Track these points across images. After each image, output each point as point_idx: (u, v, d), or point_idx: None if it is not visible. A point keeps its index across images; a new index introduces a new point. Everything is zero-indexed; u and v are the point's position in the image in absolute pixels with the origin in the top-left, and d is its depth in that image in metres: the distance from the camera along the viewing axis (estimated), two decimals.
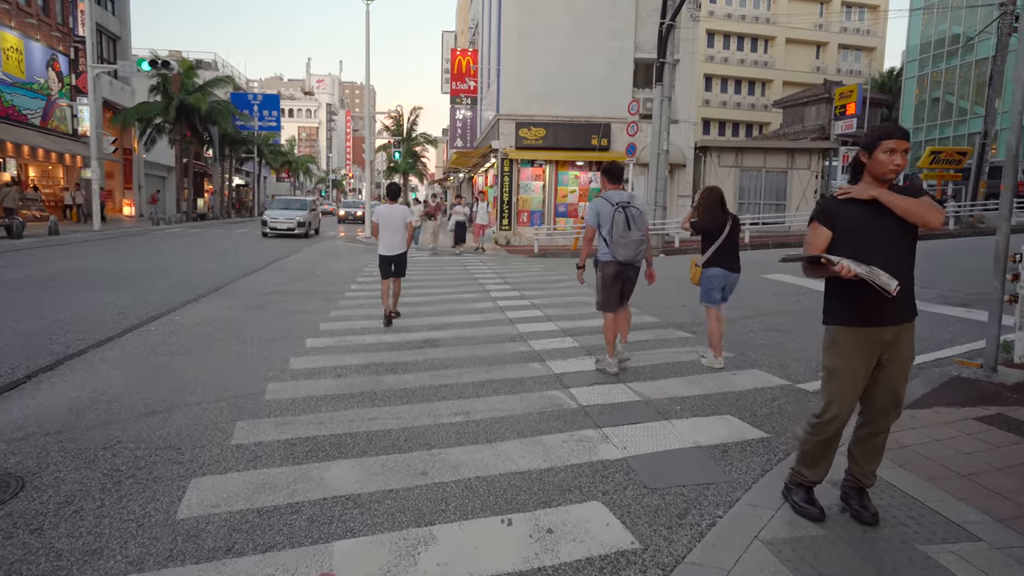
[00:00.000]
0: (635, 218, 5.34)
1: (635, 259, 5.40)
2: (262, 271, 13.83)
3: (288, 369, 5.74)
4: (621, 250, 5.32)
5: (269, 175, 66.47)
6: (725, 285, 5.79)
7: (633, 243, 5.31)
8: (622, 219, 5.29)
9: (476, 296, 10.44)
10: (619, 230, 5.29)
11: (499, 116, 21.59)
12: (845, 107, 21.35)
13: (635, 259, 5.40)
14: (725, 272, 5.75)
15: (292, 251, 18.54)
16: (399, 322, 8.06)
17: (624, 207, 5.34)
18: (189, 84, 33.21)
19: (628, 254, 5.34)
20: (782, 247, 18.75)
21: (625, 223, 5.29)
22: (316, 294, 10.55)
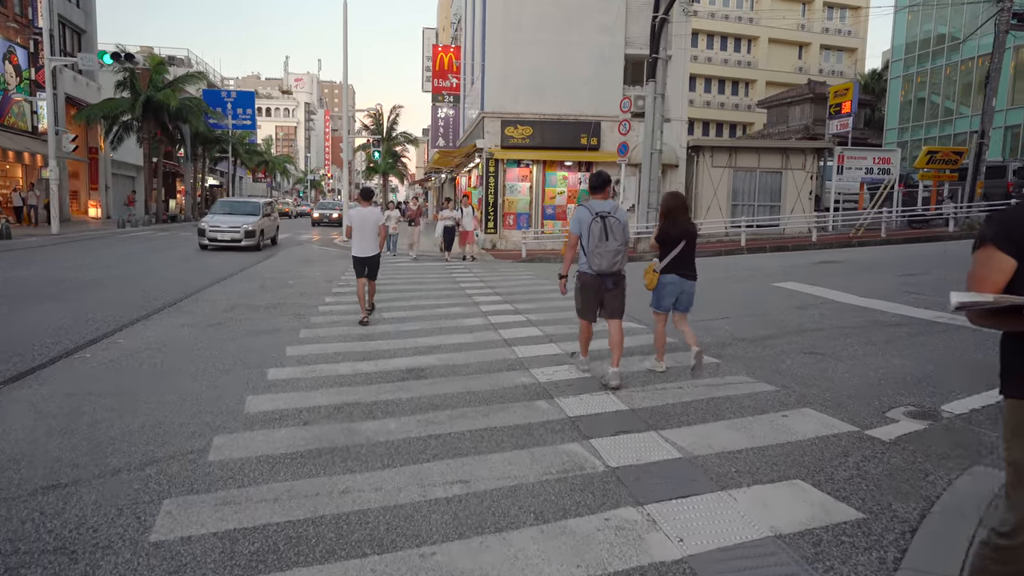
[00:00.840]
0: (613, 229, 5.28)
1: (610, 269, 5.36)
2: (230, 280, 12.69)
3: (242, 414, 4.70)
4: (596, 260, 5.32)
5: (245, 175, 64.74)
6: (680, 293, 5.82)
7: (609, 253, 5.28)
8: (599, 229, 5.26)
9: (464, 310, 9.44)
10: (595, 240, 5.27)
11: (484, 114, 20.59)
12: (840, 106, 20.69)
13: (610, 269, 5.36)
14: (680, 279, 5.77)
15: (263, 258, 17.36)
16: (379, 346, 7.04)
17: (604, 217, 5.27)
18: (158, 80, 31.72)
19: (603, 264, 5.31)
20: (779, 250, 18.02)
21: (602, 233, 5.26)
22: (286, 308, 9.47)
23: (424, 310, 9.39)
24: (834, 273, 12.01)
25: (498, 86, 20.50)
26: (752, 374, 5.64)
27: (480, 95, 21.77)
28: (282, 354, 6.60)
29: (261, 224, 19.01)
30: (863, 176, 21.05)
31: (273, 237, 20.99)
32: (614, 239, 5.28)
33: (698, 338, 6.01)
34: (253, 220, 18.66)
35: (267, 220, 19.97)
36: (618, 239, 5.29)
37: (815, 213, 20.86)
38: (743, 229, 18.25)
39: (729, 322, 7.97)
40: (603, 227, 5.26)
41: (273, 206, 22.96)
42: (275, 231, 21.40)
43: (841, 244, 18.07)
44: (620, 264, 5.40)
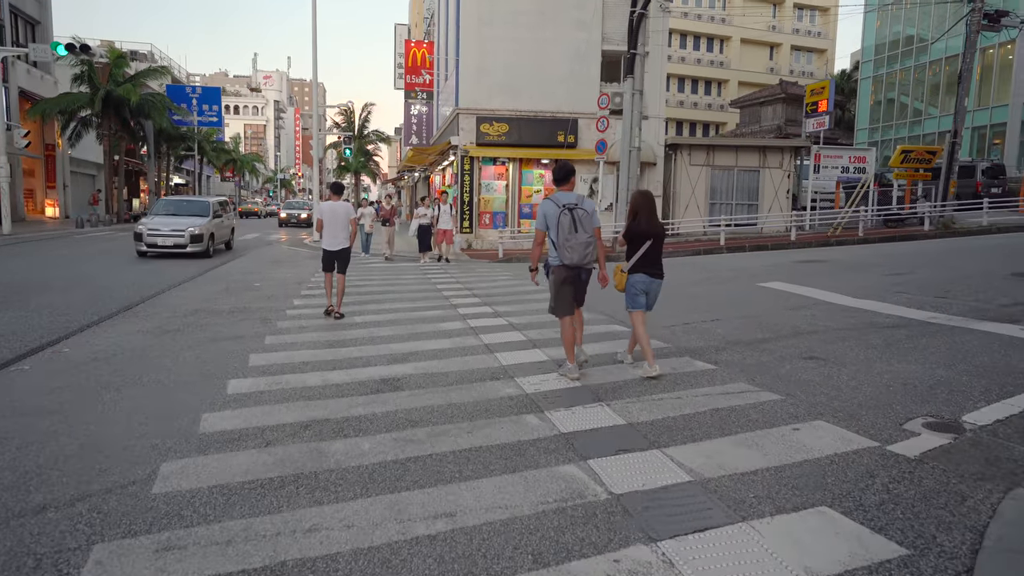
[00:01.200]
0: (582, 220, 5.18)
1: (583, 262, 5.27)
2: (192, 283, 12.03)
3: (196, 434, 4.18)
4: (567, 253, 5.20)
5: (213, 175, 63.23)
6: (648, 291, 5.74)
7: (580, 245, 5.18)
8: (568, 221, 5.15)
9: (442, 313, 8.96)
10: (564, 232, 5.16)
11: (458, 110, 20.10)
12: (817, 104, 20.66)
13: (583, 262, 5.27)
14: (648, 278, 5.69)
15: (229, 259, 16.64)
16: (351, 354, 6.54)
17: (571, 209, 5.18)
18: (118, 74, 30.55)
19: (575, 257, 5.21)
20: (759, 249, 17.87)
21: (571, 225, 5.15)
22: (251, 312, 8.89)
23: (399, 313, 8.90)
24: (819, 272, 11.81)
25: (473, 82, 20.03)
26: (752, 381, 5.29)
27: (454, 91, 21.27)
28: (244, 364, 6.06)
29: (211, 227, 16.29)
30: (839, 175, 21.05)
31: (228, 241, 18.33)
32: (583, 230, 5.17)
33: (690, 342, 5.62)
34: (201, 222, 15.95)
35: (219, 222, 17.28)
36: (588, 230, 5.19)
37: (793, 212, 20.80)
38: (722, 228, 18.05)
39: (720, 324, 7.64)
40: (572, 219, 5.15)
41: (228, 206, 19.51)
42: (230, 234, 18.65)
43: (820, 243, 17.99)
44: (592, 256, 5.30)
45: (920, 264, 11.95)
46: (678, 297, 9.83)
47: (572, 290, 5.44)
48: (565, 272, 5.34)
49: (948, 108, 33.32)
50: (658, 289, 5.80)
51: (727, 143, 21.59)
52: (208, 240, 16.06)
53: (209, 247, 16.14)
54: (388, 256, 17.12)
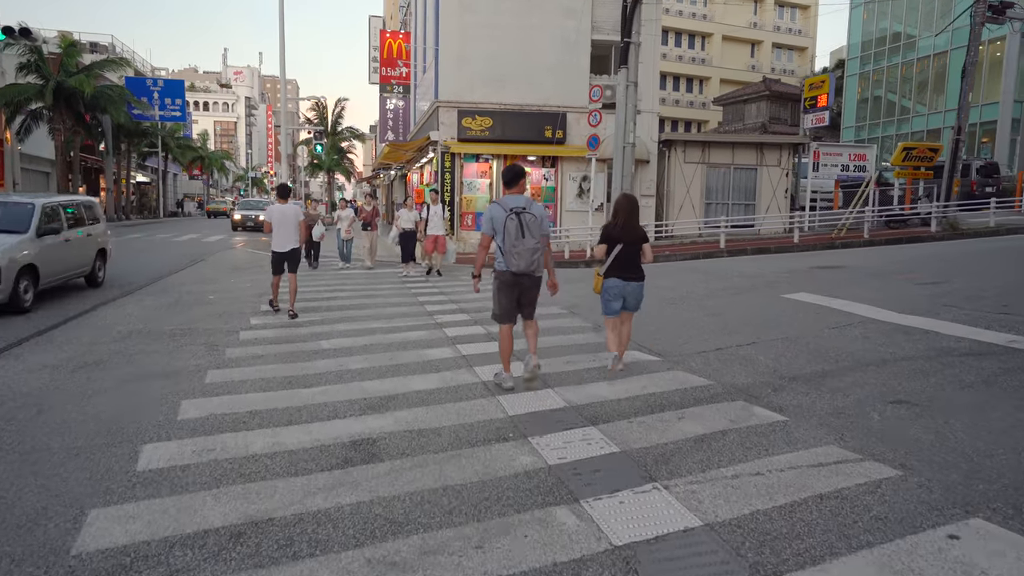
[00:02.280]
0: (529, 225, 5.01)
1: (529, 269, 5.09)
2: (138, 293, 10.49)
3: (69, 555, 2.77)
4: (513, 259, 5.03)
5: (180, 173, 60.75)
6: (625, 295, 5.70)
7: (526, 252, 5.02)
8: (514, 226, 4.98)
9: (427, 335, 7.59)
10: (511, 238, 4.99)
11: (438, 103, 18.68)
12: (816, 99, 19.64)
13: (529, 269, 5.09)
14: (623, 282, 5.66)
15: (187, 263, 15.04)
16: (314, 397, 5.16)
17: (519, 213, 5.00)
18: (71, 64, 28.50)
19: (521, 264, 5.04)
20: (761, 253, 16.76)
21: (518, 230, 4.98)
22: (197, 335, 7.43)
23: (375, 336, 7.50)
24: (842, 281, 10.66)
25: (453, 73, 18.63)
26: (843, 441, 4.02)
27: (434, 83, 19.84)
28: (172, 415, 4.65)
29: (33, 253, 8.95)
30: (839, 174, 20.07)
31: (88, 274, 10.90)
32: (531, 236, 5.00)
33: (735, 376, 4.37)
34: (11, 243, 8.63)
35: (59, 244, 9.77)
36: (535, 236, 5.01)
37: (795, 212, 19.76)
38: (723, 230, 16.91)
39: (760, 350, 6.39)
40: (518, 224, 4.97)
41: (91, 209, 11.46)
42: (91, 263, 10.91)
43: (824, 245, 16.95)
44: (538, 264, 5.13)
45: (949, 271, 10.86)
46: (696, 312, 8.59)
47: (515, 297, 5.26)
48: (509, 278, 5.16)
49: (936, 106, 32.78)
50: (637, 291, 5.70)
51: (723, 139, 20.52)
52: (19, 279, 8.52)
53: (24, 292, 8.62)
54: (370, 265, 14.93)
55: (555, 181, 19.34)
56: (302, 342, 7.18)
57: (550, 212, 8.23)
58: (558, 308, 9.10)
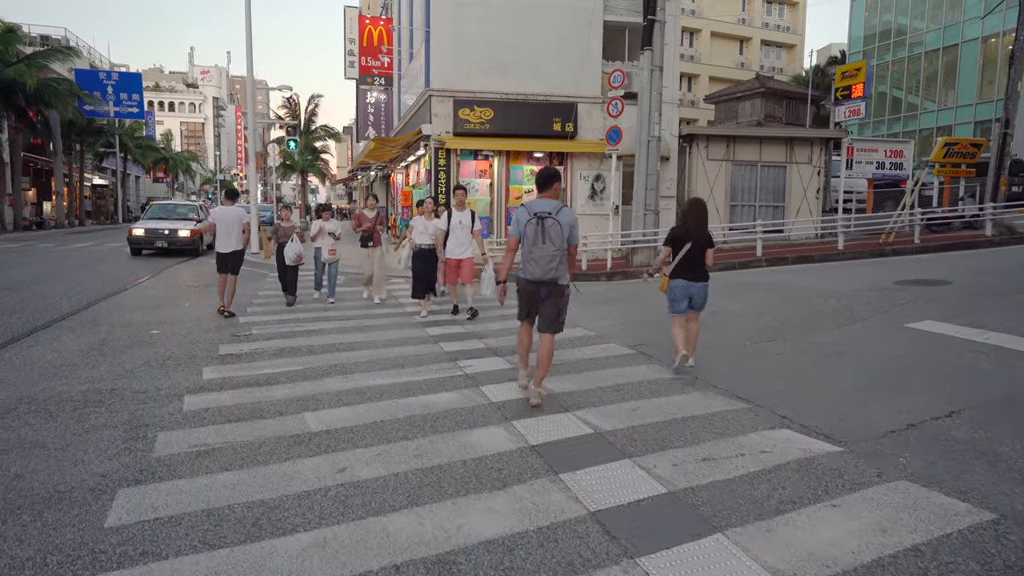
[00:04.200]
0: (550, 231, 4.73)
1: (544, 277, 4.80)
2: (56, 327, 7.93)
3: None
4: (529, 265, 4.84)
5: (143, 176, 57.29)
6: (691, 295, 5.91)
7: (543, 259, 4.76)
8: (533, 231, 4.76)
9: (460, 401, 5.23)
10: (528, 243, 4.80)
11: (430, 92, 16.30)
12: (850, 89, 17.69)
13: (544, 277, 4.80)
14: (687, 283, 5.88)
15: (132, 281, 12.43)
16: (301, 568, 2.77)
17: (542, 218, 4.74)
18: (10, 54, 25.47)
19: (535, 271, 4.81)
20: (804, 262, 14.70)
21: (536, 236, 4.75)
22: (118, 405, 4.99)
23: (383, 401, 5.11)
24: (956, 301, 8.57)
25: (447, 58, 16.27)
26: None
27: (424, 71, 17.45)
28: None
29: None
30: (873, 171, 18.16)
31: None
32: (550, 243, 4.74)
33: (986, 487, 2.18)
34: None
35: None
36: (555, 243, 4.74)
37: (828, 216, 17.77)
38: (759, 236, 14.82)
39: (976, 427, 4.20)
40: (538, 229, 4.74)
41: None
42: None
43: (873, 252, 14.96)
44: (556, 272, 4.81)
45: None
46: (813, 354, 6.37)
47: (531, 302, 4.99)
48: (523, 284, 4.98)
49: (946, 102, 31.32)
50: (702, 291, 5.93)
51: (750, 133, 18.48)
52: None
53: None
54: (378, 297, 10.32)
55: (564, 180, 17.08)
56: (276, 416, 4.79)
57: None
58: (620, 345, 6.84)
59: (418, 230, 9.23)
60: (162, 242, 16.88)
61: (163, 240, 16.97)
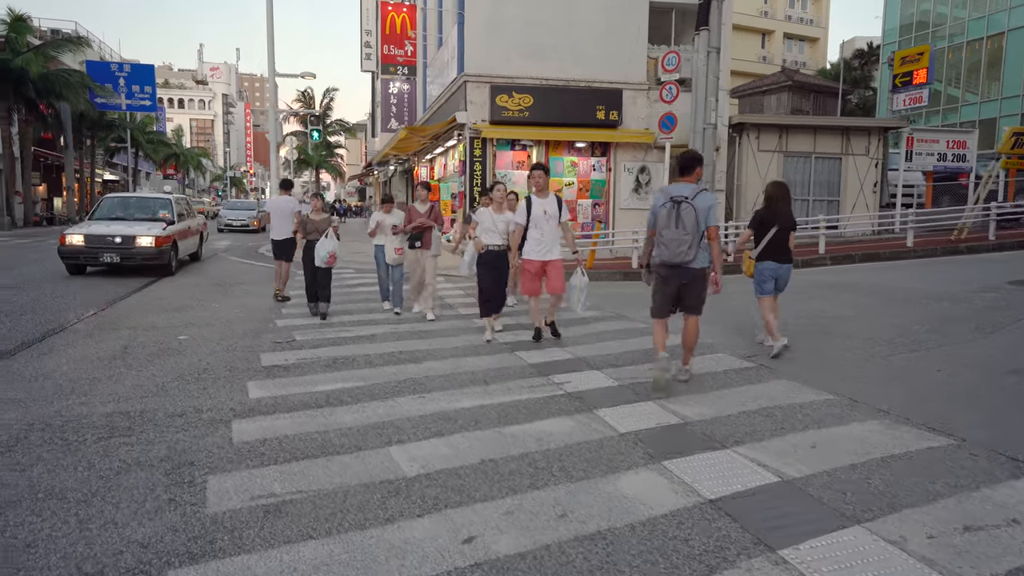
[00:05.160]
0: (683, 215, 4.67)
1: (676, 259, 4.75)
2: (70, 331, 6.93)
3: None
4: (661, 248, 4.84)
5: (154, 172, 56.54)
6: (777, 276, 6.01)
7: (673, 242, 4.72)
8: (666, 213, 4.74)
9: (605, 456, 4.20)
10: (660, 226, 4.79)
11: (465, 78, 15.26)
12: (911, 75, 16.54)
13: (676, 259, 4.75)
14: (776, 264, 5.98)
15: (151, 278, 11.44)
16: None
17: (678, 202, 4.71)
18: (20, 43, 24.60)
19: (665, 254, 4.79)
20: (871, 260, 13.61)
21: (669, 219, 4.72)
22: (151, 433, 3.98)
23: (484, 430, 4.08)
24: None
25: (483, 41, 15.21)
26: None
27: (456, 56, 16.41)
28: None
29: None
30: (935, 164, 17.00)
31: None
32: (681, 227, 4.68)
33: None
34: None
35: None
36: (686, 228, 4.67)
37: (889, 211, 16.64)
38: (822, 232, 13.73)
39: None
40: (671, 212, 4.71)
41: None
42: None
43: (947, 250, 13.84)
44: (686, 255, 4.70)
45: None
46: (981, 372, 5.27)
47: (669, 292, 4.97)
48: (659, 268, 4.96)
49: (989, 93, 30.05)
50: (787, 272, 6.05)
51: (804, 123, 17.34)
52: None
53: None
54: (430, 313, 8.08)
55: (606, 172, 16.01)
56: (354, 452, 3.77)
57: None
58: (730, 355, 5.79)
59: (484, 226, 6.87)
60: (111, 255, 11.18)
61: (113, 252, 11.05)
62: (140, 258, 11.32)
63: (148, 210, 12.91)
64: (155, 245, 11.33)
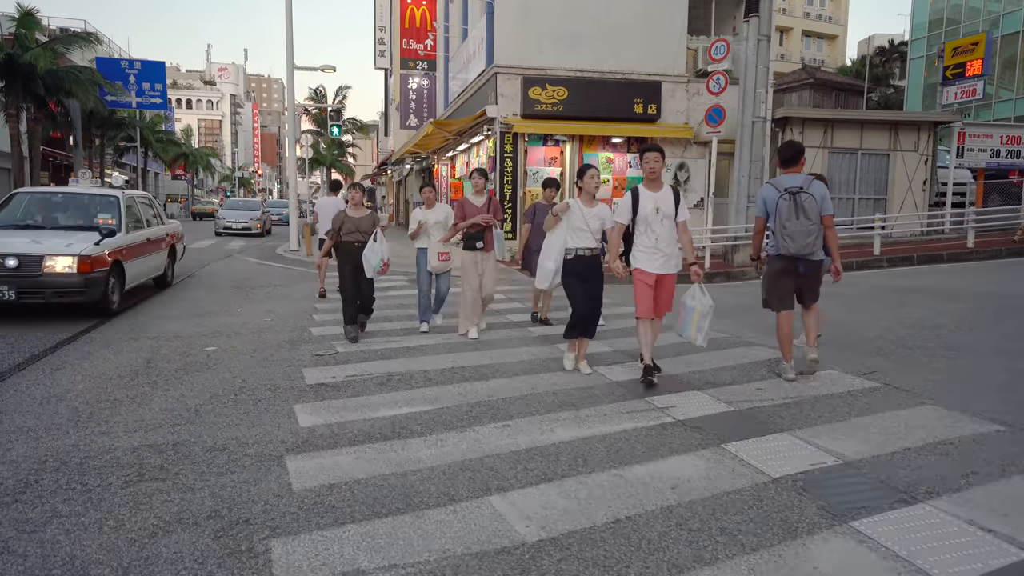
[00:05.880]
0: (805, 206, 4.63)
1: (803, 252, 4.68)
2: (87, 340, 6.17)
3: None
4: (784, 242, 4.71)
5: (163, 172, 56.01)
6: None
7: (799, 234, 4.63)
8: (787, 206, 4.66)
9: (771, 511, 3.40)
10: (782, 219, 4.68)
11: (496, 69, 14.48)
12: (964, 66, 15.68)
13: (803, 252, 4.68)
14: None
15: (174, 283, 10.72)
16: None
17: (794, 193, 4.66)
18: (29, 39, 23.95)
19: (791, 247, 4.68)
20: (931, 262, 12.78)
21: (790, 211, 4.65)
22: (192, 471, 3.20)
23: (599, 473, 3.30)
24: None
25: (515, 30, 14.44)
26: None
27: (484, 46, 15.64)
28: None
29: None
30: (987, 160, 16.13)
31: None
32: (805, 218, 4.63)
33: None
34: None
35: None
36: (810, 218, 4.62)
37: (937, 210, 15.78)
38: (877, 232, 12.90)
39: None
40: (792, 204, 4.65)
41: None
42: None
43: (1012, 251, 13.00)
44: (813, 246, 4.68)
45: None
46: None
47: (790, 284, 4.88)
48: (781, 263, 4.85)
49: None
50: None
51: (850, 117, 16.48)
52: None
53: None
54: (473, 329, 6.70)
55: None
56: (447, 504, 3.01)
57: None
58: (841, 372, 4.99)
59: (573, 223, 5.11)
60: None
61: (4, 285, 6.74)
62: (51, 291, 6.93)
63: (82, 213, 8.48)
64: (77, 270, 7.03)
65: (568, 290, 5.23)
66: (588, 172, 5.18)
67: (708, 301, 4.85)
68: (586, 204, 5.16)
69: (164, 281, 10.01)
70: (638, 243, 4.99)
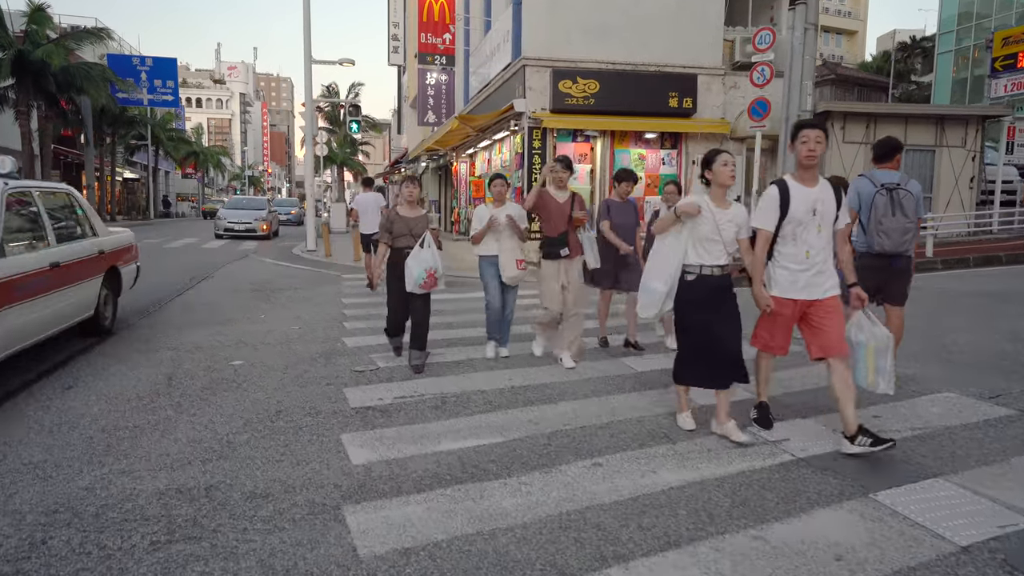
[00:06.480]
0: (903, 202, 4.42)
1: (897, 249, 4.47)
2: (101, 351, 5.58)
3: None
4: (878, 239, 4.46)
5: (173, 170, 55.67)
6: None
7: (896, 231, 4.42)
8: (883, 202, 4.42)
9: None
10: (878, 214, 4.43)
11: (524, 61, 13.84)
12: (1016, 57, 14.90)
13: (897, 249, 4.47)
14: None
15: (187, 283, 10.15)
16: None
17: (891, 189, 4.43)
18: (40, 35, 23.51)
19: (887, 244, 4.45)
20: (988, 264, 12.05)
21: (887, 207, 4.42)
22: (233, 528, 2.55)
23: (732, 534, 2.65)
24: None
25: (543, 19, 13.81)
26: None
27: (510, 39, 15.00)
28: None
29: None
30: None
31: None
32: (902, 215, 4.41)
33: None
34: None
35: None
36: (908, 215, 4.43)
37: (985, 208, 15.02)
38: (931, 232, 12.19)
39: None
40: (889, 200, 4.41)
41: None
42: None
43: None
44: (908, 244, 4.50)
45: None
46: None
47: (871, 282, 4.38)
48: (870, 260, 4.53)
49: None
50: None
51: (894, 111, 15.75)
52: None
53: None
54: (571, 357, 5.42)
55: (677, 166, 14.53)
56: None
57: None
58: (959, 393, 4.32)
59: (701, 231, 3.70)
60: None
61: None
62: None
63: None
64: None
65: (683, 322, 3.85)
66: (720, 157, 3.68)
67: (883, 332, 3.66)
68: (718, 204, 3.69)
69: (97, 326, 6.20)
70: (780, 256, 3.66)
